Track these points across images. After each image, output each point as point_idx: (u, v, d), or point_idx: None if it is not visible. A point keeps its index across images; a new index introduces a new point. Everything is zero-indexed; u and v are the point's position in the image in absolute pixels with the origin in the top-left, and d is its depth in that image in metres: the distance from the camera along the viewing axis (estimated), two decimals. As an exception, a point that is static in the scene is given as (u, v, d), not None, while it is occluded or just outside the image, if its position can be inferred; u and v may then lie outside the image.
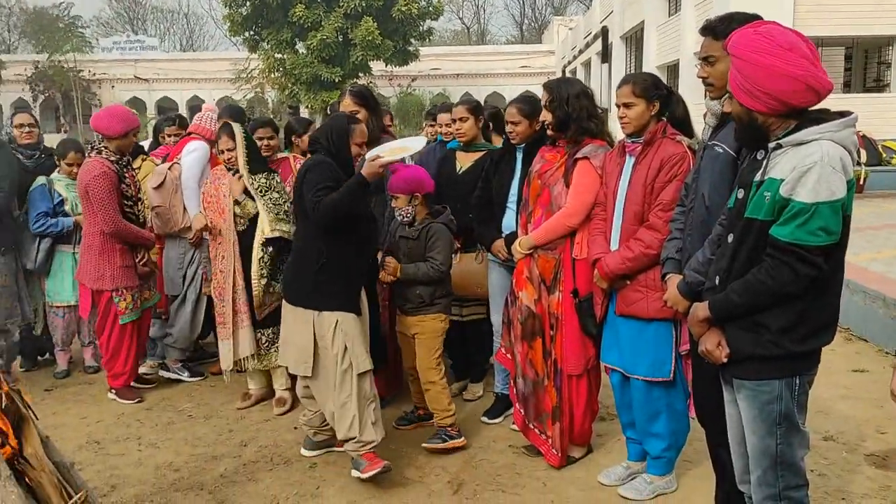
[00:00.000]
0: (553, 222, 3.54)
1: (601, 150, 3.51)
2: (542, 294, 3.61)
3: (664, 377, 3.25)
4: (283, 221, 4.35)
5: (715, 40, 2.63)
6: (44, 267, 5.15)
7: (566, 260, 3.54)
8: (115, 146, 4.63)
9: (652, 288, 3.17)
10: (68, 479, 2.58)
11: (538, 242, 3.59)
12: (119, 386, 4.76)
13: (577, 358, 3.57)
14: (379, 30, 27.32)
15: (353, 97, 4.37)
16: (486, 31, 62.96)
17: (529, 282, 3.66)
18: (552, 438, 3.66)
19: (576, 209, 3.47)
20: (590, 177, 3.46)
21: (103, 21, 59.34)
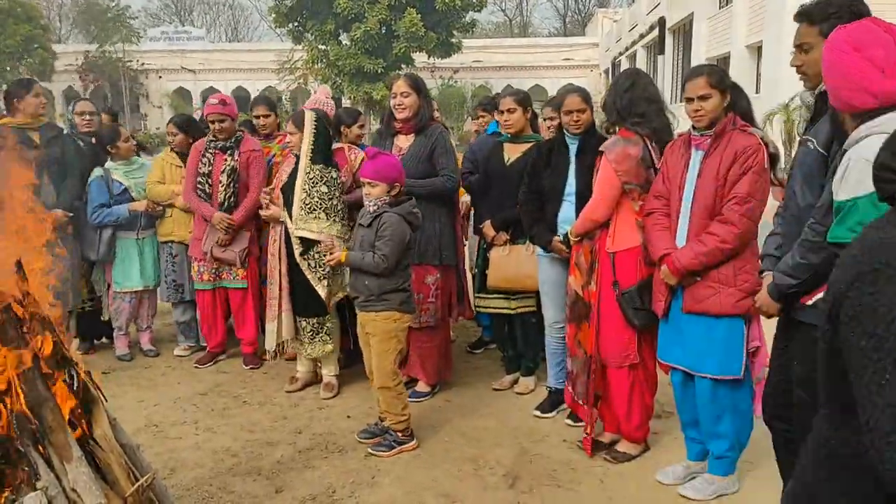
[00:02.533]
0: (583, 213, 3.64)
1: (622, 142, 3.47)
2: (589, 280, 3.66)
3: (734, 375, 3.17)
4: (317, 220, 4.33)
5: (811, 26, 2.54)
6: (107, 256, 5.24)
7: (601, 251, 3.57)
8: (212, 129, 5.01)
9: (725, 283, 3.10)
10: (135, 461, 2.62)
11: (578, 231, 3.70)
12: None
13: (613, 349, 3.58)
14: (422, 21, 27.30)
15: (407, 80, 4.41)
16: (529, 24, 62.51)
17: (577, 268, 3.71)
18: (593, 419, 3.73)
19: (595, 202, 3.56)
20: (605, 170, 3.51)
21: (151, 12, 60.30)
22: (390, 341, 3.77)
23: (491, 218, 4.52)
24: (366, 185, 3.72)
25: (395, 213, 3.68)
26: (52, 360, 2.46)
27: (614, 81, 3.69)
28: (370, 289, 3.72)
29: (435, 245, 4.40)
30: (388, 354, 3.77)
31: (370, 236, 3.69)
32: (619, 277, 3.50)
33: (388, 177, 3.67)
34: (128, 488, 2.48)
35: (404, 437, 3.83)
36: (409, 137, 4.44)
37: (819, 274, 2.41)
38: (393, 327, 3.76)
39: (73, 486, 2.30)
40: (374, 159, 3.71)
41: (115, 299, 5.33)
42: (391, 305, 3.74)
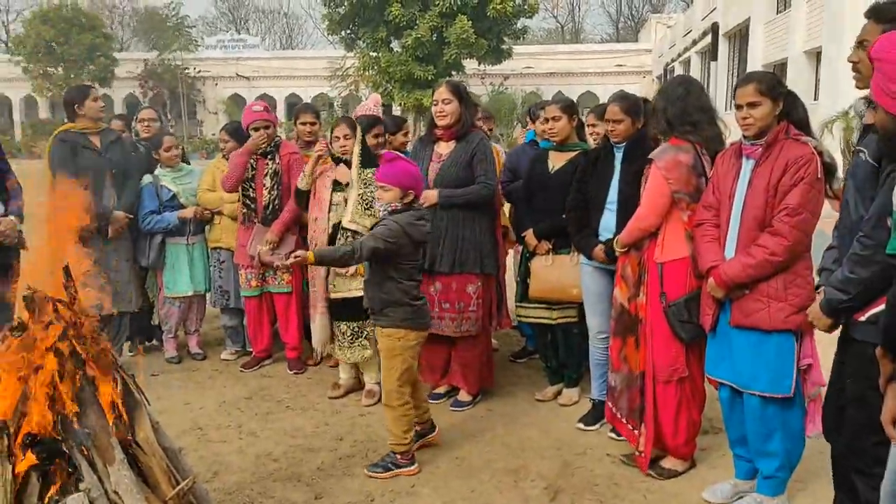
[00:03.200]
0: (629, 223, 3.56)
1: (672, 150, 3.38)
2: (633, 293, 3.59)
3: (784, 393, 3.06)
4: (371, 218, 4.38)
5: (876, 24, 2.48)
6: (157, 262, 5.36)
7: (649, 261, 3.49)
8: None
9: (775, 297, 3.00)
10: (176, 464, 2.64)
11: (624, 242, 3.62)
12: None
13: (662, 363, 3.49)
14: (473, 28, 27.34)
15: (449, 86, 4.42)
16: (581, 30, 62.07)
17: (624, 280, 3.64)
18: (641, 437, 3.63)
19: (645, 211, 3.49)
20: (655, 179, 3.43)
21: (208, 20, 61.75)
22: (394, 359, 3.61)
23: (533, 226, 4.48)
24: (378, 188, 3.61)
25: (394, 221, 3.52)
26: (97, 363, 2.51)
27: (663, 89, 3.63)
28: (373, 301, 3.63)
29: (476, 253, 4.37)
30: (391, 372, 3.62)
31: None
32: (667, 289, 3.42)
33: (402, 183, 3.54)
34: (169, 492, 2.50)
35: (403, 460, 3.66)
36: (449, 144, 4.43)
37: (872, 289, 2.33)
38: (397, 345, 3.60)
39: (115, 488, 2.34)
40: (390, 163, 3.58)
41: (165, 303, 5.44)
42: (392, 322, 3.59)
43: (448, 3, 27.17)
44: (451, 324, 4.39)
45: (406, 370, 3.63)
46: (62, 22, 38.15)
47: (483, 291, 4.45)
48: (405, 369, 3.62)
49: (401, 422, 3.64)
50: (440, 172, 4.37)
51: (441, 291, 4.37)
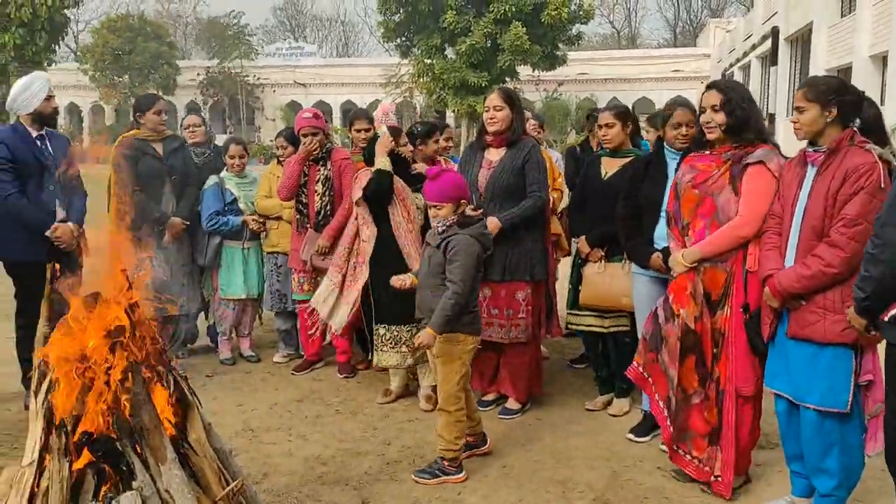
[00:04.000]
0: (723, 233, 3.32)
1: (774, 154, 3.27)
2: (703, 311, 3.40)
3: (839, 408, 2.96)
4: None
5: None
6: (213, 262, 5.48)
7: (738, 273, 3.31)
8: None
9: (831, 310, 2.90)
10: (227, 465, 2.69)
11: (706, 255, 3.37)
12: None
13: (748, 377, 3.34)
14: (527, 34, 27.31)
15: (500, 93, 4.41)
16: (637, 35, 61.37)
17: (692, 298, 3.43)
18: (705, 460, 3.46)
19: (749, 218, 3.25)
20: (764, 182, 3.24)
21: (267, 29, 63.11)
22: (454, 363, 3.63)
23: (586, 233, 4.44)
24: (431, 207, 3.62)
25: (466, 234, 3.54)
26: (152, 364, 2.57)
27: (730, 86, 3.39)
28: (428, 306, 3.62)
29: (526, 261, 4.35)
30: (451, 377, 3.63)
31: (438, 257, 3.57)
32: (750, 300, 3.28)
33: (453, 196, 3.55)
34: (219, 492, 2.55)
35: (451, 468, 3.64)
36: (499, 150, 4.42)
37: (886, 287, 2.39)
38: (458, 349, 3.62)
39: (166, 487, 2.39)
40: (436, 180, 3.57)
41: (220, 305, 5.55)
42: (458, 328, 3.59)
43: (503, 9, 27.22)
44: (500, 330, 4.37)
45: (464, 375, 3.66)
46: (128, 31, 39.49)
47: (532, 299, 4.41)
48: (463, 374, 3.65)
49: (454, 428, 3.64)
50: (490, 179, 4.36)
51: (490, 298, 4.36)
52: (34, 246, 4.48)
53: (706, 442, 3.45)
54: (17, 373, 4.78)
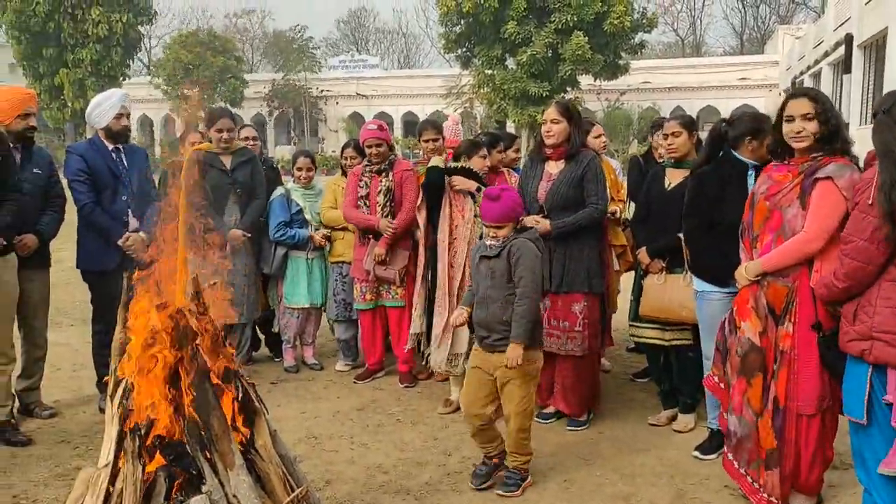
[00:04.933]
0: (787, 248, 3.23)
1: (847, 169, 3.15)
2: (768, 326, 3.30)
3: (855, 418, 2.91)
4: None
5: None
6: (279, 271, 5.59)
7: (802, 289, 3.20)
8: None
9: (847, 320, 2.88)
10: (291, 471, 2.73)
11: (767, 269, 3.29)
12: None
13: (810, 395, 3.23)
14: (589, 44, 27.13)
15: (557, 107, 4.40)
16: (703, 43, 60.25)
17: (754, 312, 3.35)
18: (766, 486, 3.33)
19: (815, 234, 3.14)
20: (833, 199, 3.12)
21: (331, 42, 64.23)
22: (531, 383, 3.56)
23: (648, 244, 4.39)
24: (490, 228, 3.56)
25: (525, 238, 3.54)
26: (221, 371, 2.63)
27: (818, 101, 3.26)
28: (508, 327, 3.45)
29: (584, 272, 4.31)
30: (529, 398, 3.58)
31: (501, 266, 3.49)
32: (822, 318, 3.18)
33: (514, 217, 3.57)
34: (284, 498, 2.59)
35: (526, 473, 3.68)
36: (559, 163, 4.40)
37: None
38: (533, 367, 3.55)
39: (234, 492, 2.44)
40: (497, 201, 3.51)
41: (285, 314, 5.66)
42: (531, 343, 3.50)
43: (564, 19, 27.12)
44: (557, 342, 4.33)
45: (534, 390, 3.66)
46: (198, 46, 40.72)
47: (589, 311, 4.36)
48: (535, 389, 3.65)
49: (528, 441, 3.67)
50: (550, 192, 4.34)
51: (548, 309, 4.33)
52: (108, 254, 4.65)
53: (765, 465, 3.35)
54: (93, 377, 4.97)
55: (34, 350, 4.69)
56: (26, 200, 4.30)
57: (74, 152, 4.74)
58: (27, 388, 4.69)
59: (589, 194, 4.29)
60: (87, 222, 4.70)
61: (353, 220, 5.24)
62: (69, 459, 4.03)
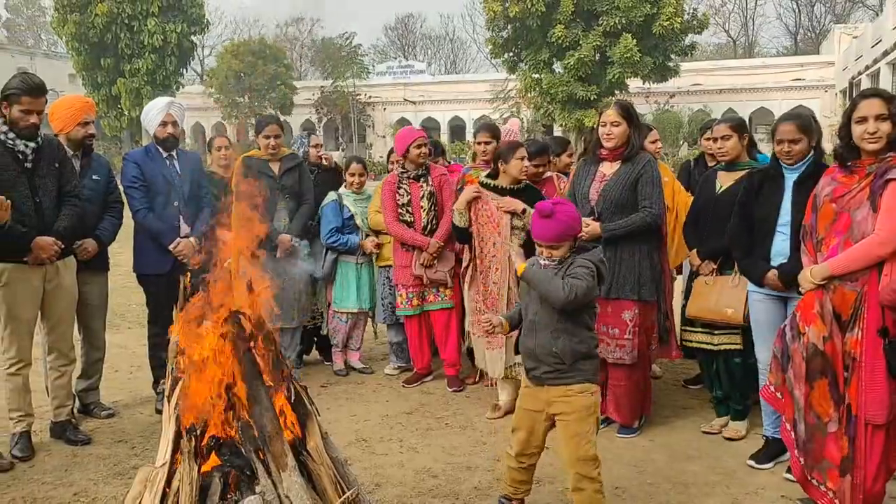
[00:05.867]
0: (858, 251, 3.13)
1: None
2: (833, 331, 3.21)
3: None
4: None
5: None
6: (329, 276, 5.65)
7: (871, 294, 3.10)
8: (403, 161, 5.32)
9: None
10: (342, 473, 2.75)
11: (836, 272, 3.19)
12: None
13: (879, 405, 3.11)
14: (638, 46, 26.83)
15: (617, 108, 4.31)
16: (755, 43, 59.05)
17: (820, 317, 3.25)
18: (839, 493, 3.23)
19: (887, 236, 3.04)
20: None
21: (379, 49, 64.82)
22: (589, 419, 3.10)
23: (699, 247, 4.33)
24: (544, 248, 3.15)
25: (586, 260, 3.09)
26: (274, 373, 2.67)
27: (892, 101, 3.18)
28: (561, 355, 3.06)
29: (633, 278, 4.23)
30: (588, 436, 3.08)
31: None
32: (889, 323, 3.08)
33: (572, 234, 3.13)
34: (335, 500, 2.61)
35: None
36: (614, 164, 4.33)
37: None
38: (591, 402, 3.10)
39: (286, 493, 2.47)
40: (551, 218, 3.07)
41: (334, 318, 5.71)
42: (587, 375, 3.11)
43: (612, 22, 26.88)
44: (606, 348, 4.27)
45: (595, 430, 3.16)
46: (250, 55, 41.52)
47: (640, 319, 4.28)
48: (595, 428, 3.17)
49: (600, 495, 3.11)
50: (602, 193, 4.28)
51: (598, 314, 4.27)
52: (162, 259, 4.77)
53: (839, 473, 3.24)
54: (150, 378, 5.09)
55: (93, 351, 4.83)
56: (86, 206, 4.43)
57: (130, 160, 4.87)
58: (87, 388, 4.82)
59: (643, 198, 4.22)
60: (141, 228, 4.83)
61: (401, 237, 5.22)
62: (127, 458, 4.13)
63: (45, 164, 4.13)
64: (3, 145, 4.00)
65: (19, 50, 49.06)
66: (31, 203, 4.03)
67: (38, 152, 4.09)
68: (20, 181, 4.01)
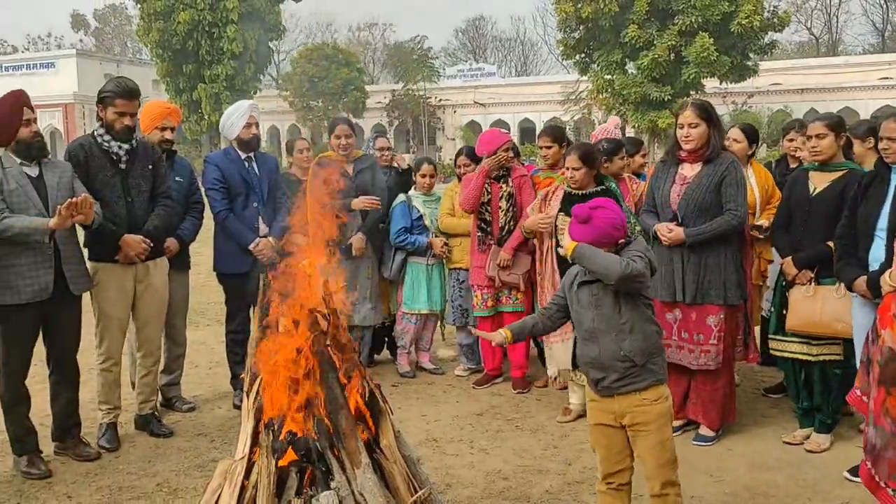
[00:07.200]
0: None
1: None
2: None
3: None
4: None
5: None
6: (397, 276, 5.70)
7: None
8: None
9: None
10: (415, 472, 2.77)
11: None
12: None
13: None
14: (715, 45, 26.15)
15: (695, 109, 4.17)
16: (839, 41, 56.79)
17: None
18: None
19: None
20: None
21: (449, 51, 65.08)
22: (668, 425, 2.95)
23: (792, 254, 4.15)
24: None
25: (636, 248, 2.91)
26: (349, 371, 2.71)
27: None
28: (632, 356, 2.86)
29: (719, 283, 4.11)
30: (668, 442, 2.93)
31: (608, 293, 2.89)
32: None
33: (612, 240, 2.92)
34: (407, 498, 2.63)
35: None
36: (694, 166, 4.21)
37: None
38: (667, 407, 2.93)
39: (360, 490, 2.50)
40: (587, 224, 2.90)
41: (403, 319, 5.75)
42: (658, 375, 2.92)
43: (688, 20, 26.28)
44: (689, 355, 4.18)
45: (672, 434, 3.02)
46: (323, 60, 42.35)
47: (725, 324, 4.17)
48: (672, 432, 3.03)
49: (681, 498, 3.01)
50: (683, 196, 4.16)
51: (681, 321, 4.18)
52: (242, 258, 4.90)
53: None
54: (228, 374, 5.24)
55: (175, 348, 5.00)
56: (173, 206, 4.59)
57: (211, 162, 5.03)
58: (169, 383, 5.00)
59: (728, 200, 4.08)
60: (221, 228, 4.97)
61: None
62: (206, 451, 4.26)
63: (139, 166, 4.30)
64: (98, 147, 4.20)
65: (106, 58, 51.29)
66: (123, 203, 4.21)
67: (131, 154, 4.27)
68: (114, 182, 4.20)
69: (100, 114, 4.25)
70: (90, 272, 4.19)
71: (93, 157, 4.18)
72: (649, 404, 2.88)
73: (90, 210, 3.81)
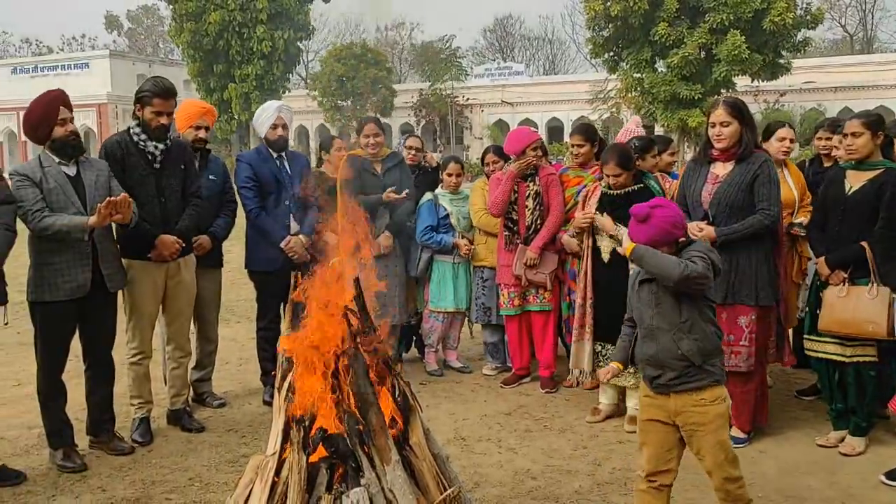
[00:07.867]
0: None
1: None
2: None
3: None
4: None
5: None
6: (424, 274, 5.71)
7: None
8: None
9: None
10: (444, 470, 2.77)
11: None
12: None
13: None
14: (746, 43, 25.77)
15: (727, 108, 4.11)
16: (874, 39, 55.74)
17: None
18: None
19: None
20: None
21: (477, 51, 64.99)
22: (725, 427, 2.94)
23: (826, 253, 4.09)
24: None
25: (694, 253, 2.88)
26: (379, 368, 2.72)
27: None
28: (689, 356, 2.85)
29: (751, 283, 4.06)
30: (726, 443, 2.93)
31: (668, 293, 2.89)
32: None
33: (671, 238, 2.92)
34: (437, 496, 2.63)
35: None
36: (727, 165, 4.16)
37: None
38: (724, 407, 2.91)
39: (390, 486, 2.51)
40: (646, 222, 2.90)
41: (430, 317, 5.76)
42: (716, 376, 2.90)
43: (719, 18, 25.94)
44: (720, 355, 4.13)
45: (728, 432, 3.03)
46: (352, 59, 42.56)
47: (757, 325, 4.12)
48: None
49: (745, 488, 3.00)
50: (715, 195, 4.12)
51: None
52: (272, 256, 4.94)
53: None
54: (258, 370, 5.29)
55: (206, 344, 5.06)
56: (203, 205, 4.65)
57: (243, 161, 5.08)
58: (200, 378, 5.06)
59: (760, 199, 4.03)
60: (253, 226, 5.02)
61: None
62: (237, 447, 4.30)
63: (173, 166, 4.37)
64: (135, 146, 4.26)
65: (139, 58, 51.99)
66: (156, 202, 4.27)
67: (166, 154, 4.33)
68: (148, 181, 4.27)
69: (137, 113, 4.31)
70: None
71: (129, 154, 4.25)
72: (707, 405, 2.87)
73: (129, 209, 3.88)
